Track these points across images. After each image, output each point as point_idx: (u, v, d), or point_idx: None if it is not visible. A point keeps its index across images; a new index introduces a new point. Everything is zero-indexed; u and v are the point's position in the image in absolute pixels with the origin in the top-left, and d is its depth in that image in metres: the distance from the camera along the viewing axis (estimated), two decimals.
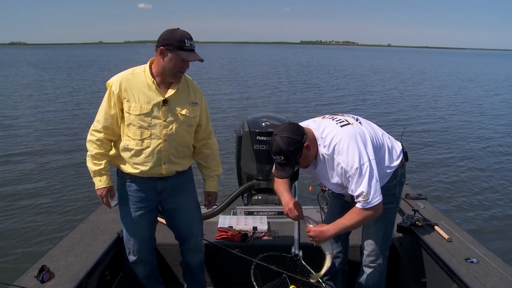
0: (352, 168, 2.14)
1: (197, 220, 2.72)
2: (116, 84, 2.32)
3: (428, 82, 26.88)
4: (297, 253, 2.74)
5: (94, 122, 2.39)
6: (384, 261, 2.55)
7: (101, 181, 2.44)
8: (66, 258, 2.48)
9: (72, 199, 6.43)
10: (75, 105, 15.27)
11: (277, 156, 2.17)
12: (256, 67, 39.30)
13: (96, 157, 2.40)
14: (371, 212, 2.21)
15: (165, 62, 2.28)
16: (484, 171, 8.09)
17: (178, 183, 2.52)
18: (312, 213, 3.55)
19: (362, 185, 2.15)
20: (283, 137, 2.15)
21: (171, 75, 2.32)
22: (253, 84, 22.81)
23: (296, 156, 2.17)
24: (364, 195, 2.15)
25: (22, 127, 11.69)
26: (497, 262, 2.45)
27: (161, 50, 2.27)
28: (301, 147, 2.16)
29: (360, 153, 2.15)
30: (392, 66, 45.92)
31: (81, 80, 25.45)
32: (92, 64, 44.52)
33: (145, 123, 2.32)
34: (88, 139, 2.40)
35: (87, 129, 2.43)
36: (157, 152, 2.36)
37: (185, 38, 2.24)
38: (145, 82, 2.33)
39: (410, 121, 13.07)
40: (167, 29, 2.30)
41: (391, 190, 2.44)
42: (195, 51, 2.31)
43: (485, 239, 4.76)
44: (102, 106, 2.37)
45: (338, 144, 2.19)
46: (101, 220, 3.03)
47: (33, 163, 8.33)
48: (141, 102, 2.31)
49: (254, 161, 3.67)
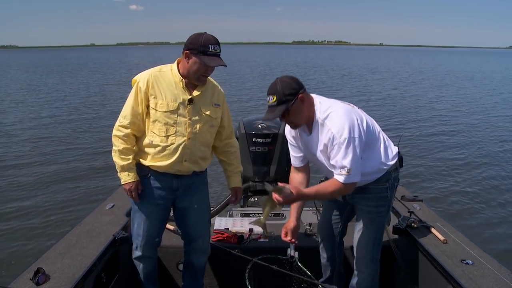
0: (341, 137, 2.14)
1: (207, 222, 2.76)
2: (143, 80, 2.38)
3: (427, 82, 26.85)
4: (292, 255, 2.75)
5: (119, 118, 2.43)
6: (376, 264, 2.55)
7: (129, 175, 2.45)
8: (61, 260, 2.47)
9: (68, 202, 6.40)
10: (72, 109, 15.14)
11: (270, 96, 2.21)
12: (252, 68, 39.27)
13: (124, 152, 2.43)
14: (346, 188, 2.22)
15: (189, 65, 2.35)
16: (481, 172, 8.13)
17: (193, 182, 2.57)
18: (308, 215, 3.56)
19: (348, 158, 2.15)
20: (282, 81, 2.22)
21: (194, 78, 2.39)
22: (250, 86, 22.79)
23: (288, 102, 2.18)
24: (347, 169, 2.16)
25: (15, 130, 11.65)
26: (492, 263, 2.46)
27: (186, 53, 2.34)
28: (295, 94, 2.19)
29: (353, 126, 2.17)
30: (388, 66, 45.98)
31: (75, 83, 25.31)
32: (84, 66, 44.40)
33: (171, 120, 2.38)
34: (114, 134, 2.43)
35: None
36: (180, 149, 2.41)
37: (209, 43, 2.30)
38: (172, 80, 2.41)
39: (406, 121, 13.12)
40: (195, 32, 2.37)
41: (383, 192, 2.45)
42: (220, 56, 2.37)
43: (481, 240, 4.79)
44: (129, 102, 2.41)
45: (333, 112, 2.22)
46: (97, 222, 3.02)
47: (28, 166, 8.29)
48: (168, 99, 2.38)
49: (250, 163, 3.67)
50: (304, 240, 3.09)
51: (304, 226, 3.26)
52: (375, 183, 2.42)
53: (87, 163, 8.34)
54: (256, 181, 3.75)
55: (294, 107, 2.21)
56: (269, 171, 3.70)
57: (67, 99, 18.04)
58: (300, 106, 2.22)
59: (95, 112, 13.78)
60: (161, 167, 2.44)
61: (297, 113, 2.24)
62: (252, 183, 3.76)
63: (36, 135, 10.86)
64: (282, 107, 2.19)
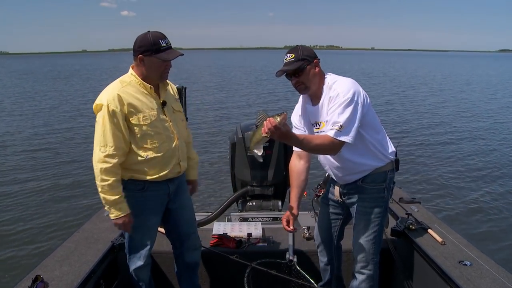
0: (344, 96, 2.21)
1: (194, 217, 2.77)
2: (114, 102, 2.22)
3: (426, 86, 26.83)
4: (291, 258, 2.75)
5: (100, 148, 2.24)
6: (375, 266, 2.55)
7: (121, 209, 2.30)
8: (60, 267, 2.46)
9: (66, 209, 6.38)
10: (68, 117, 15.01)
11: (288, 54, 2.36)
12: (248, 74, 39.27)
13: (114, 186, 2.25)
14: (333, 145, 2.21)
15: (147, 67, 2.30)
16: (479, 174, 8.15)
17: (180, 181, 2.58)
18: (306, 218, 3.57)
19: (344, 116, 2.19)
20: (302, 46, 2.41)
21: (157, 78, 2.36)
22: (248, 92, 22.76)
23: (304, 61, 2.31)
24: (340, 125, 2.19)
25: (12, 139, 11.62)
26: (490, 264, 2.47)
27: (140, 58, 2.28)
28: (312, 58, 2.35)
29: (358, 92, 2.24)
30: (384, 70, 46.03)
31: (70, 90, 25.19)
32: (78, 73, 44.11)
33: (158, 129, 2.35)
34: (101, 168, 2.22)
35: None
36: (176, 152, 2.43)
37: (159, 39, 2.26)
38: (140, 90, 2.33)
39: (403, 123, 13.16)
40: (138, 35, 2.30)
41: (380, 193, 2.46)
42: (172, 48, 2.34)
43: (479, 241, 4.80)
44: (104, 128, 2.22)
45: (342, 79, 2.35)
46: (96, 229, 3.01)
47: (26, 174, 8.26)
48: (145, 110, 2.30)
49: (248, 168, 3.69)
50: (303, 244, 3.09)
51: (302, 229, 3.27)
52: (372, 183, 2.44)
53: (85, 170, 8.31)
54: (254, 186, 3.76)
55: (308, 68, 2.33)
56: (267, 175, 3.72)
57: (61, 106, 17.97)
58: (314, 70, 2.35)
59: (92, 119, 13.62)
60: (161, 176, 2.40)
61: (309, 75, 2.34)
62: (250, 188, 3.77)
63: (32, 142, 10.82)
64: (298, 63, 2.31)
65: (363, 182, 2.45)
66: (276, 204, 3.81)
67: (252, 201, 3.83)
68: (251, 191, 3.77)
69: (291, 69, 2.32)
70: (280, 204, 3.85)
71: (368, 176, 2.44)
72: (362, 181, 2.45)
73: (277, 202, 3.83)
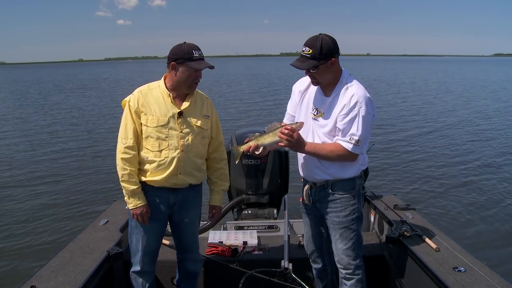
0: (362, 107, 2.24)
1: (196, 233, 2.81)
2: (133, 100, 2.44)
3: (428, 92, 26.81)
4: (286, 266, 2.75)
5: (121, 140, 2.45)
6: (361, 270, 2.54)
7: (139, 199, 2.46)
8: (55, 278, 2.46)
9: (60, 218, 6.35)
10: (68, 125, 14.99)
11: (307, 47, 2.29)
12: (250, 81, 39.15)
13: (132, 175, 2.44)
14: (349, 155, 2.30)
15: (178, 75, 2.42)
16: (473, 180, 8.18)
17: (188, 195, 2.60)
18: (300, 226, 3.57)
19: (361, 131, 2.25)
20: (324, 38, 2.29)
21: (186, 86, 2.46)
22: (243, 100, 22.74)
23: (321, 59, 2.26)
24: (357, 140, 2.25)
25: (8, 145, 11.61)
26: (484, 270, 2.48)
27: (173, 65, 2.41)
28: (330, 56, 2.28)
29: (374, 107, 2.30)
30: (383, 77, 46.02)
31: (70, 101, 25.13)
32: (79, 83, 43.96)
33: (162, 135, 2.43)
34: (121, 158, 2.43)
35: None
36: (175, 162, 2.45)
37: (192, 49, 2.39)
38: (161, 96, 2.46)
39: (391, 127, 13.19)
40: (175, 44, 2.44)
41: (350, 200, 2.46)
42: (204, 60, 2.44)
43: (473, 248, 4.80)
44: (126, 122, 2.45)
45: (361, 86, 2.34)
46: (91, 239, 3.01)
47: (22, 183, 8.23)
48: (158, 114, 2.43)
49: (243, 176, 3.69)
50: (298, 252, 3.09)
51: (297, 237, 3.27)
52: (341, 191, 2.44)
53: (80, 179, 8.28)
54: (250, 194, 3.76)
55: (323, 67, 2.30)
56: (262, 183, 3.72)
57: (61, 116, 17.95)
58: (329, 68, 2.32)
59: (91, 129, 13.68)
60: (157, 182, 2.47)
61: (323, 73, 2.33)
62: (245, 196, 3.78)
63: (29, 152, 10.79)
64: (312, 62, 2.28)
65: (332, 190, 2.46)
66: (271, 212, 3.81)
67: (248, 210, 3.83)
68: (247, 199, 3.77)
69: (303, 67, 2.32)
70: (275, 212, 3.85)
71: (336, 184, 2.45)
72: (332, 189, 2.46)
73: (272, 210, 3.83)
